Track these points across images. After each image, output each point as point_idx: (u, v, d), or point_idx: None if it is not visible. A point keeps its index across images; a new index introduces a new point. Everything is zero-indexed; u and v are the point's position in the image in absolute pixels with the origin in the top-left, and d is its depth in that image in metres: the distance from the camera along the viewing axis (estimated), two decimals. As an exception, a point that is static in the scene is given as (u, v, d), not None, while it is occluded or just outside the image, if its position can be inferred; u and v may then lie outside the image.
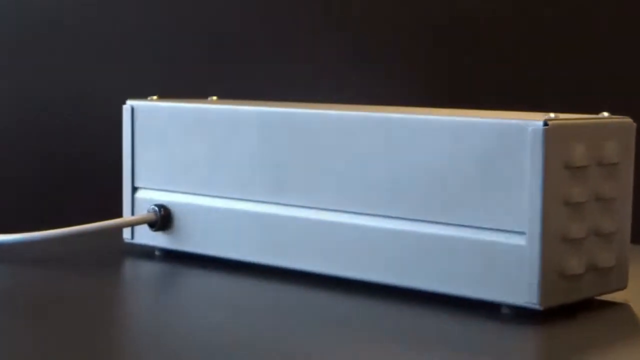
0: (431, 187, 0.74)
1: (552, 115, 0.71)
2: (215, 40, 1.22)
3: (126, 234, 0.92)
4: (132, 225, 0.91)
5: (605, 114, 0.74)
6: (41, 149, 1.19)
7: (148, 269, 0.88)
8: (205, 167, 0.87)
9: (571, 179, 0.71)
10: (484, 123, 0.71)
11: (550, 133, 0.69)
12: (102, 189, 1.07)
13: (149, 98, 0.92)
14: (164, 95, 0.94)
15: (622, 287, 0.76)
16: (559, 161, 0.70)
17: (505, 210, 0.70)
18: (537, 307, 0.69)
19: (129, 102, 0.92)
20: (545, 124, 0.69)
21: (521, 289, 0.70)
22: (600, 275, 0.74)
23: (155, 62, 1.21)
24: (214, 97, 0.94)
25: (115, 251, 0.93)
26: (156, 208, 0.89)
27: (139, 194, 0.92)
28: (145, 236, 0.91)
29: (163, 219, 0.89)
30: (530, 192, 0.69)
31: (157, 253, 0.91)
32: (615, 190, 0.74)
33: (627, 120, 0.75)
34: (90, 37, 1.20)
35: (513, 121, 0.70)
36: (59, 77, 1.19)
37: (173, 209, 0.89)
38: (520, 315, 0.70)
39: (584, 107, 0.82)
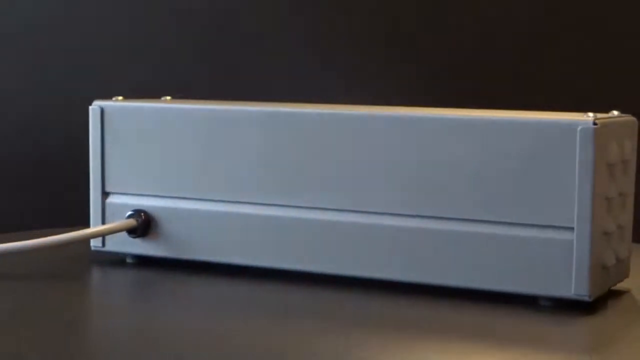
0: (479, 186, 0.75)
1: (590, 114, 0.74)
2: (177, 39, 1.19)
3: (95, 241, 0.87)
4: (112, 233, 0.86)
5: (615, 112, 0.77)
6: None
7: (123, 277, 0.84)
8: (187, 170, 0.84)
9: (609, 176, 0.75)
10: (533, 122, 0.74)
11: (598, 132, 0.72)
12: (58, 194, 1.02)
13: (113, 98, 0.87)
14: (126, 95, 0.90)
15: (626, 277, 0.80)
16: (602, 159, 0.73)
17: (554, 207, 0.73)
18: (586, 298, 0.73)
19: (97, 103, 0.87)
20: (595, 123, 0.72)
21: (568, 281, 0.73)
22: (619, 266, 0.79)
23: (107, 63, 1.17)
24: (168, 97, 0.91)
25: (83, 260, 0.88)
26: (135, 214, 0.85)
27: (111, 200, 0.87)
28: (119, 243, 0.86)
29: (144, 225, 0.85)
30: (580, 189, 0.72)
31: (129, 260, 0.87)
32: (628, 186, 0.79)
33: (633, 118, 0.80)
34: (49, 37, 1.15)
35: (562, 120, 0.73)
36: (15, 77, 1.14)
37: (153, 214, 0.85)
38: (559, 307, 0.74)
39: (566, 105, 0.86)
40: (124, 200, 0.86)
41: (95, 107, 0.87)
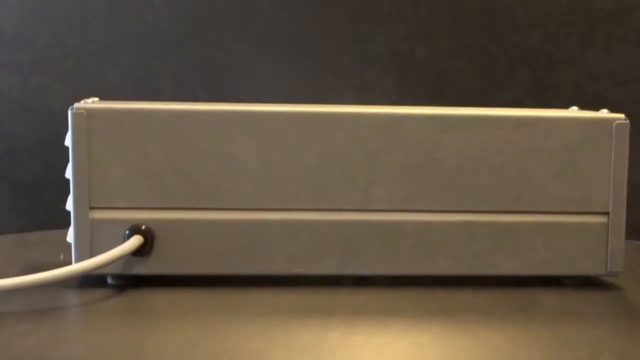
0: (525, 180, 0.80)
1: (605, 110, 0.82)
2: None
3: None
4: (119, 258, 0.75)
5: (605, 110, 0.82)
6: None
7: (114, 301, 0.74)
8: (186, 177, 0.77)
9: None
10: (573, 119, 0.80)
11: (628, 127, 0.80)
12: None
13: (88, 101, 0.79)
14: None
15: None
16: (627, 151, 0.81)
17: (592, 195, 0.80)
18: (618, 274, 0.80)
19: (81, 106, 0.77)
20: (626, 119, 0.80)
21: (603, 260, 0.80)
22: None
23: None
24: (96, 98, 0.82)
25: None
26: (136, 230, 0.76)
27: (97, 215, 0.77)
28: (118, 264, 0.76)
29: (150, 243, 0.76)
30: (615, 178, 0.80)
31: (111, 282, 0.78)
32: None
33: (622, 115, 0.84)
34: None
35: (599, 117, 0.80)
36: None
37: (154, 229, 0.77)
38: (585, 284, 0.81)
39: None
40: (115, 215, 0.77)
41: (79, 111, 0.77)
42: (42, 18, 1.21)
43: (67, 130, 0.77)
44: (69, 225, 0.76)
